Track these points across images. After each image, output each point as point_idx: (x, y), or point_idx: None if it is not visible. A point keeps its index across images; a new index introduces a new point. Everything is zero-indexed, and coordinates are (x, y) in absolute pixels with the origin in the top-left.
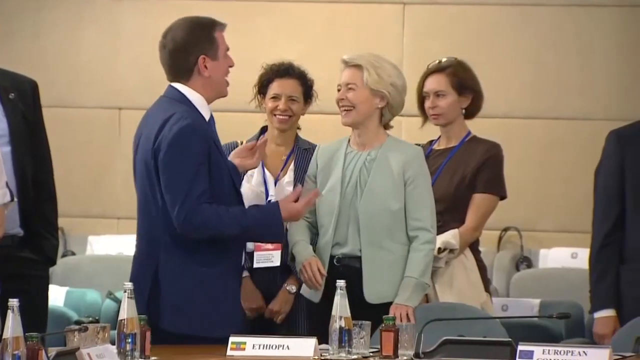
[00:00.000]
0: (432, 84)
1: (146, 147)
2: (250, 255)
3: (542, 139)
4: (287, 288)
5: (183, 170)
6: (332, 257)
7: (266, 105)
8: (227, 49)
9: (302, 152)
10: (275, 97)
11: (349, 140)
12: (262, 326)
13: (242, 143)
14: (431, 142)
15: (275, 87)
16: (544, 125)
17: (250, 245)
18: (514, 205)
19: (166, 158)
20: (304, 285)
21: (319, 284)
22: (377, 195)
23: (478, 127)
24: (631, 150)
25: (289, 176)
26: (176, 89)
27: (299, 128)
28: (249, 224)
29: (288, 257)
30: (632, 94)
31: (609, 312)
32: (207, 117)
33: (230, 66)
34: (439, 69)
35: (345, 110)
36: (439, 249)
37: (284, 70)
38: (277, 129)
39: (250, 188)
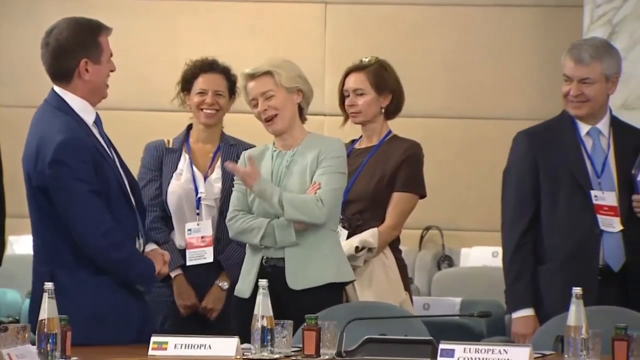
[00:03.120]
0: (351, 82)
1: (28, 162)
2: (182, 253)
3: (462, 138)
4: (219, 284)
5: (76, 198)
6: (262, 258)
7: (191, 101)
8: (111, 55)
9: (228, 148)
10: (202, 92)
11: (273, 143)
12: (196, 323)
13: (168, 142)
14: (353, 142)
15: (201, 83)
16: (464, 124)
17: (181, 243)
18: (435, 204)
19: (53, 182)
20: (237, 286)
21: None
22: (293, 188)
23: (398, 126)
24: (543, 150)
25: (217, 173)
26: (57, 94)
27: (222, 126)
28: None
29: (219, 253)
30: (550, 93)
31: (527, 312)
32: (90, 121)
33: (112, 70)
34: (359, 68)
35: (271, 118)
36: (357, 247)
37: (209, 65)
38: (204, 124)
39: (180, 186)
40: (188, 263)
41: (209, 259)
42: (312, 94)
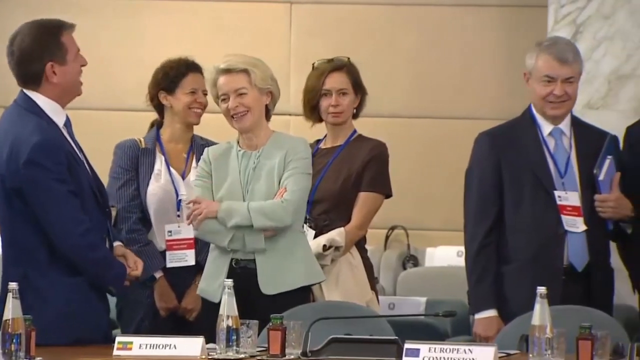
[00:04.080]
0: (335, 82)
1: (0, 163)
2: (163, 255)
3: (427, 137)
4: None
5: (55, 198)
6: (231, 260)
7: (178, 101)
8: (78, 50)
9: (200, 148)
10: (194, 92)
11: (237, 142)
12: (174, 324)
13: (141, 142)
14: (318, 142)
15: (191, 82)
16: (428, 124)
17: (162, 245)
18: (400, 204)
19: (30, 183)
20: (199, 286)
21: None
22: (260, 194)
23: (363, 126)
24: (506, 150)
25: (193, 174)
26: (27, 96)
27: None
28: (104, 270)
29: (198, 254)
30: (514, 93)
31: (491, 313)
32: (61, 123)
33: (83, 65)
34: (339, 68)
35: (240, 115)
36: (324, 246)
37: (194, 65)
38: (192, 124)
39: (160, 187)
40: (169, 265)
41: (191, 261)
42: (279, 96)
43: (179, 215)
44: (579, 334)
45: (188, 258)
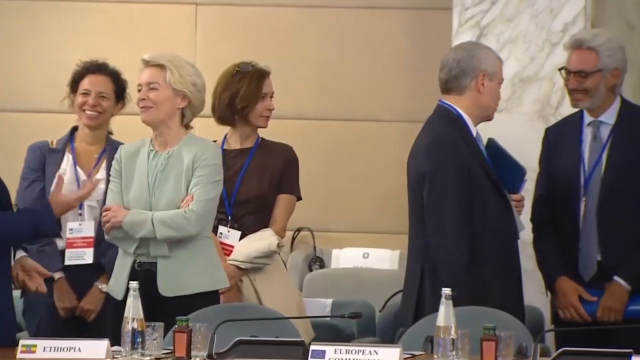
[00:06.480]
0: (269, 86)
1: None
2: (62, 253)
3: (333, 140)
4: (99, 286)
5: None
6: (134, 261)
7: (75, 102)
8: None
9: (114, 151)
10: (85, 93)
11: (151, 140)
12: (73, 325)
13: (52, 143)
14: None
15: (85, 83)
16: (333, 126)
17: (61, 243)
18: (306, 205)
19: None
20: (109, 283)
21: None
22: (167, 198)
23: (269, 128)
24: (465, 152)
25: (101, 174)
26: None
27: (111, 133)
28: (23, 227)
29: (101, 255)
30: (419, 95)
31: None
32: None
33: None
34: (269, 72)
35: (144, 108)
36: (278, 243)
37: (96, 67)
38: (85, 125)
39: (63, 186)
40: (67, 263)
41: (88, 260)
42: (202, 107)
43: (80, 214)
44: (483, 334)
45: (86, 256)
